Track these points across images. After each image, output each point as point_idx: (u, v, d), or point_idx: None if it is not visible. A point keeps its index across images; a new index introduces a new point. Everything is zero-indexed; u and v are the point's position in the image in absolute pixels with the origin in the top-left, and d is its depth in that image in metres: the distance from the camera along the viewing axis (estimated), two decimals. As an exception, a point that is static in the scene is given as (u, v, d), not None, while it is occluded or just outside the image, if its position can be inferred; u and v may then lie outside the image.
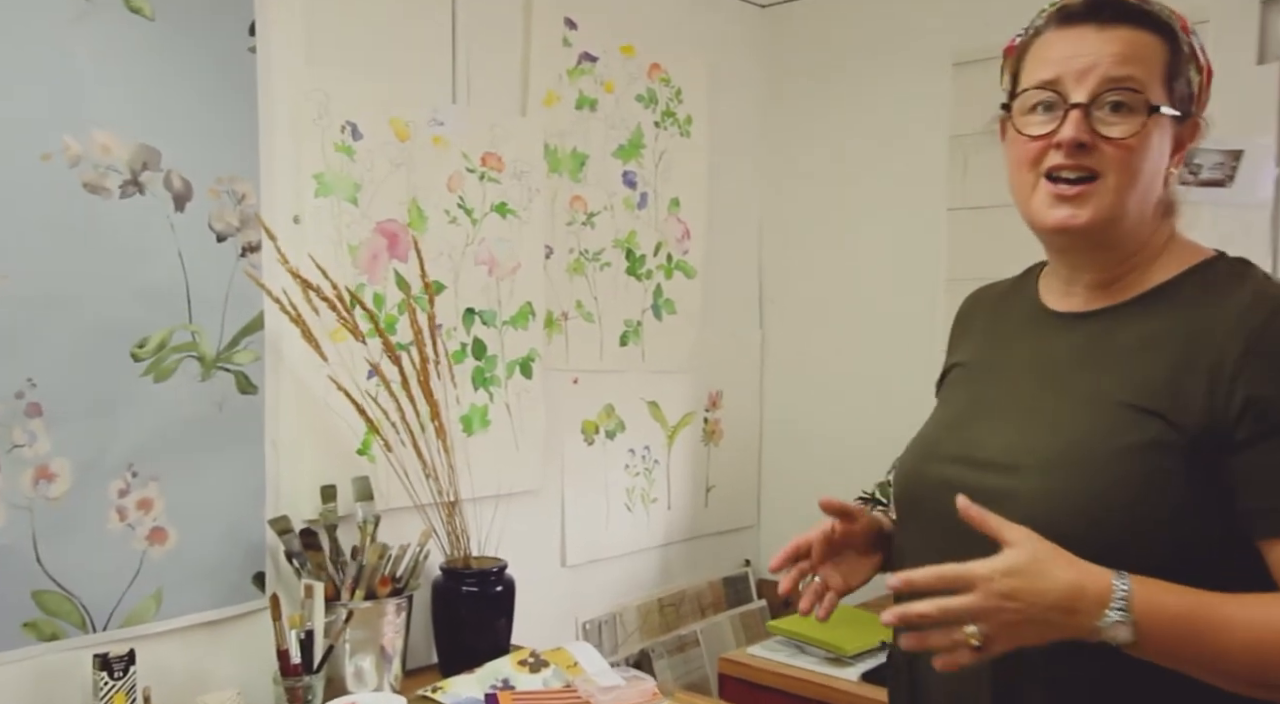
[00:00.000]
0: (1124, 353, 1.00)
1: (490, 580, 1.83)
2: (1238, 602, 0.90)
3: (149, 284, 1.54)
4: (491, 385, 2.01)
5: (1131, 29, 0.99)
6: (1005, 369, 1.12)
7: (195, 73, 1.59)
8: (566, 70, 2.17)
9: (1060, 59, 1.00)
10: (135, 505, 1.53)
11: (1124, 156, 0.97)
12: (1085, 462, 0.96)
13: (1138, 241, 1.03)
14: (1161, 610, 0.88)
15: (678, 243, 2.44)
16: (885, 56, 2.51)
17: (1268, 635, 0.88)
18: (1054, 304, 1.10)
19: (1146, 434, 0.94)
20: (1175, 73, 1.00)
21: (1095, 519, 0.93)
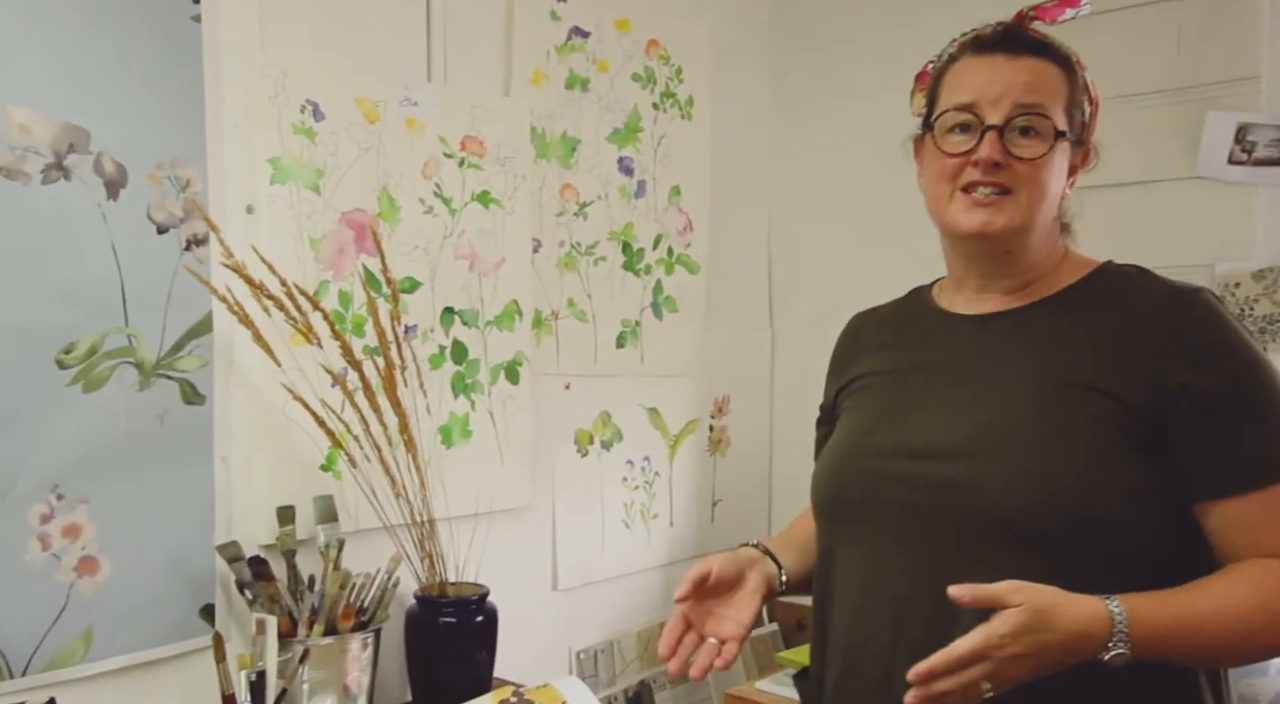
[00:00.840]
0: (1053, 339, 1.09)
1: (470, 609, 1.65)
2: (1211, 595, 0.99)
3: (77, 282, 1.36)
4: (473, 392, 1.83)
5: (1037, 60, 1.10)
6: (923, 370, 1.18)
7: (131, 43, 1.41)
8: (555, 46, 1.99)
9: (976, 84, 1.10)
10: (60, 532, 1.35)
11: (1032, 174, 1.08)
12: (1037, 438, 1.03)
13: (1041, 252, 1.14)
14: (1154, 627, 0.96)
15: (679, 235, 2.25)
16: (904, 28, 2.31)
17: (1244, 621, 0.98)
18: (965, 309, 1.18)
19: (1091, 407, 1.03)
20: (1073, 102, 1.11)
21: (1054, 495, 1.00)
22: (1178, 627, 0.97)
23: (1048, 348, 1.09)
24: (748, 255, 2.49)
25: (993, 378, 1.10)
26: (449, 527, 1.77)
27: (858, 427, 1.21)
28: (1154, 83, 1.95)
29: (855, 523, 1.15)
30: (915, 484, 1.08)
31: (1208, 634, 0.98)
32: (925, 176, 1.17)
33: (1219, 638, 0.99)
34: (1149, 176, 1.94)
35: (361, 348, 1.62)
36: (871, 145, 2.33)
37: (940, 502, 1.06)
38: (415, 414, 1.63)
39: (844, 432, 1.23)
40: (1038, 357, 1.09)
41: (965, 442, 1.07)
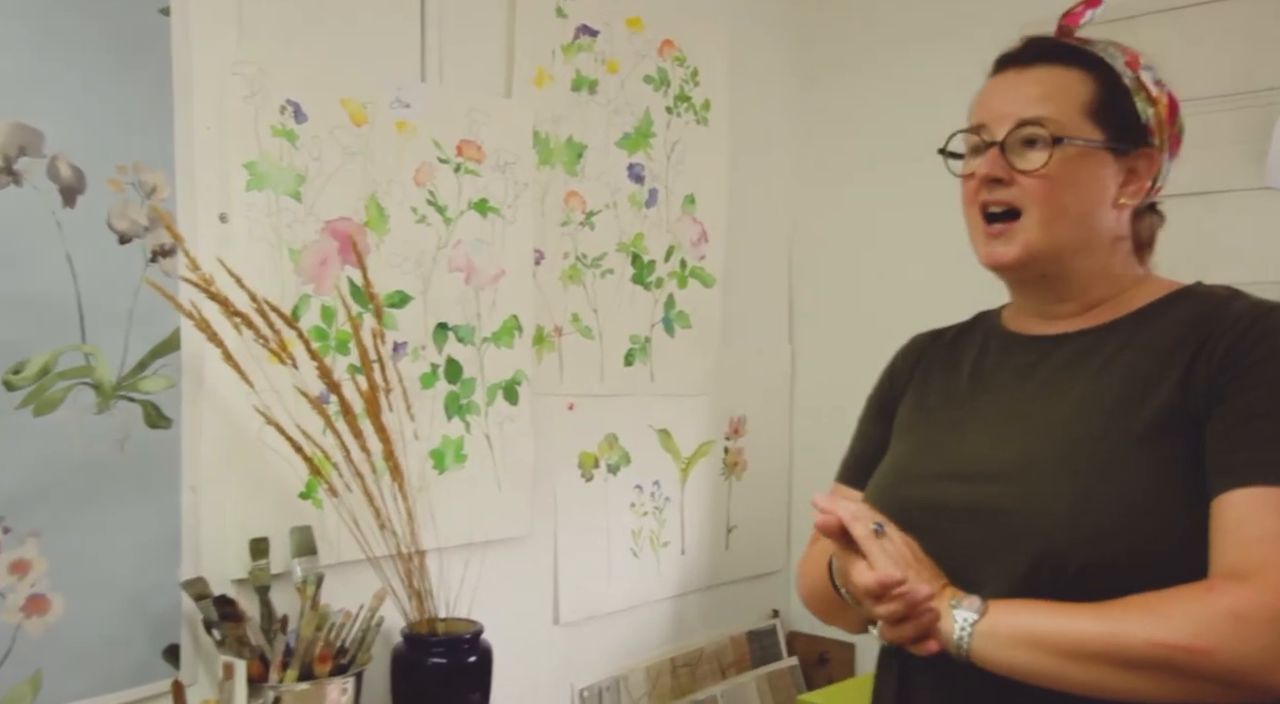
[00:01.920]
0: (1118, 361, 1.01)
1: (462, 648, 1.52)
2: (1095, 617, 0.91)
3: (27, 295, 1.25)
4: (468, 413, 1.71)
5: (1052, 67, 1.05)
6: (983, 391, 1.11)
7: (91, 38, 1.30)
8: (561, 46, 1.87)
9: (986, 104, 1.08)
10: (7, 568, 1.24)
11: (1040, 188, 1.02)
12: (1086, 462, 0.96)
13: (1098, 273, 1.06)
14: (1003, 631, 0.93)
15: (693, 246, 2.12)
16: (940, 29, 2.18)
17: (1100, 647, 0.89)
18: (1033, 330, 1.11)
19: (1159, 428, 0.95)
20: (1105, 105, 1.03)
21: (1115, 519, 0.93)
22: (1027, 636, 0.91)
23: (1112, 370, 1.01)
24: (767, 268, 2.35)
25: (1049, 400, 1.04)
26: (440, 558, 1.65)
27: (906, 452, 1.16)
28: (1217, 86, 1.80)
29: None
30: (955, 508, 1.02)
31: (1057, 654, 0.90)
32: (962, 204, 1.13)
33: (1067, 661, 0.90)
34: (1210, 187, 1.80)
35: (346, 367, 1.51)
36: (903, 154, 2.21)
37: (979, 524, 1.00)
38: (402, 439, 1.51)
39: (893, 456, 1.17)
40: (1100, 379, 1.01)
41: (1010, 464, 1.01)
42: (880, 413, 1.25)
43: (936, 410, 1.16)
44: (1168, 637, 0.86)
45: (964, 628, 0.93)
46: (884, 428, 1.22)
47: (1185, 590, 0.89)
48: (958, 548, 0.99)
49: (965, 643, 0.93)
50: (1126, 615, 0.89)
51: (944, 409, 1.15)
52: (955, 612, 0.94)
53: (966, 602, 0.94)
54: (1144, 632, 0.87)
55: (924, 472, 1.10)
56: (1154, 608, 0.89)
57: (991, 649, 0.92)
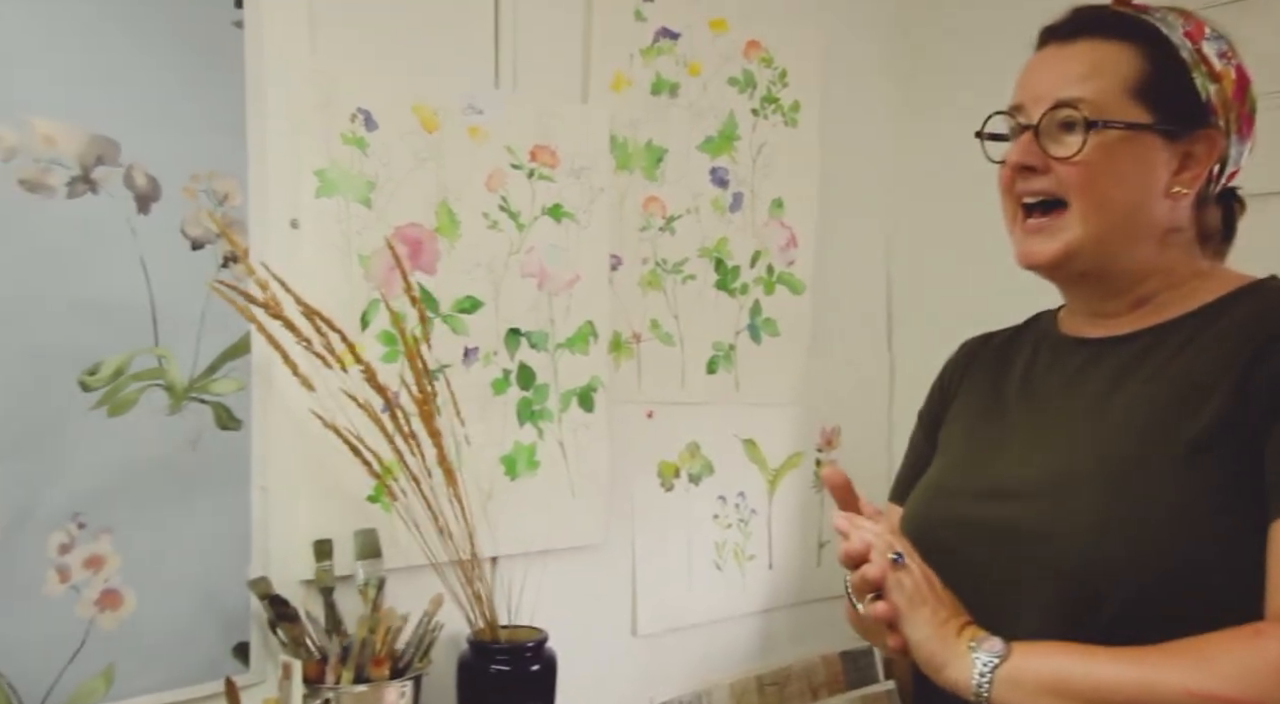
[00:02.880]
0: (1176, 368, 0.93)
1: (525, 657, 1.50)
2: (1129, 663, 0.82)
3: (103, 300, 1.30)
4: (541, 420, 1.69)
5: (1095, 41, 0.95)
6: (1029, 401, 1.04)
7: (166, 51, 1.34)
8: (640, 49, 1.85)
9: (1024, 84, 1.00)
10: (82, 563, 1.28)
11: (1080, 176, 0.93)
12: (1141, 479, 0.88)
13: (1147, 266, 0.97)
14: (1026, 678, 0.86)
15: (781, 252, 2.06)
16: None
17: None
18: (1085, 332, 1.03)
19: (1208, 445, 0.86)
20: (1155, 81, 0.94)
21: (1155, 542, 0.85)
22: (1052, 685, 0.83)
23: (1164, 377, 0.93)
24: (862, 274, 2.27)
25: (1094, 413, 0.96)
26: (510, 565, 1.65)
27: (944, 467, 1.11)
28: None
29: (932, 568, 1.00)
30: (988, 528, 0.97)
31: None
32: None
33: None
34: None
35: (408, 372, 1.51)
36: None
37: (1010, 546, 0.94)
38: (454, 442, 1.51)
39: (932, 472, 1.12)
40: (1150, 388, 0.93)
41: (1045, 482, 0.94)
42: (928, 427, 1.19)
43: (980, 421, 1.10)
44: (1209, 687, 0.77)
45: (983, 674, 0.85)
46: (932, 443, 1.15)
47: (1231, 635, 0.80)
48: (990, 571, 0.93)
49: (985, 690, 0.84)
50: (1163, 662, 0.80)
51: (987, 420, 1.08)
52: (974, 656, 0.86)
53: (986, 644, 0.86)
54: (1182, 680, 0.78)
55: (959, 488, 1.04)
56: (1195, 654, 0.79)
57: (1015, 696, 0.84)
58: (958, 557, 0.95)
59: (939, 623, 0.89)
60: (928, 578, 0.92)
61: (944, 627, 0.89)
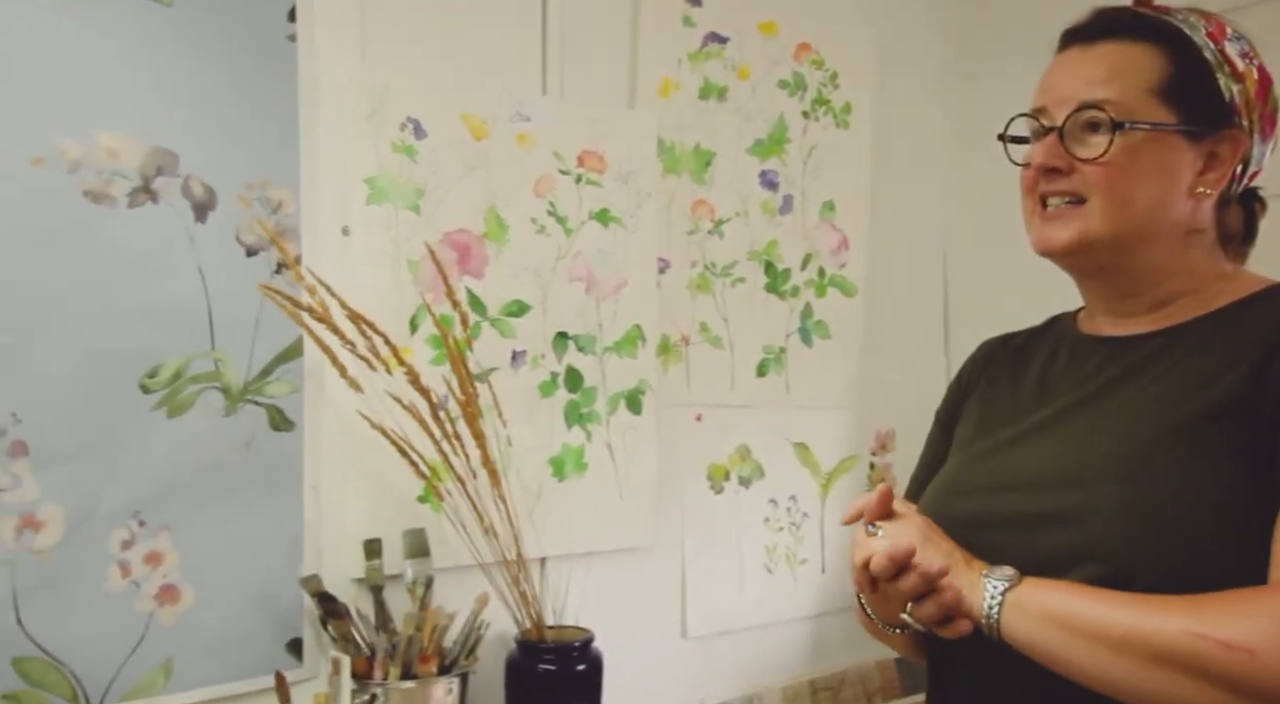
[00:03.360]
0: (1196, 360, 0.92)
1: (571, 657, 1.52)
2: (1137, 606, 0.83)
3: (162, 305, 1.35)
4: (589, 422, 1.71)
5: (1118, 42, 0.96)
6: (1046, 397, 1.03)
7: (222, 65, 1.39)
8: (688, 54, 1.86)
9: (1047, 86, 1.00)
10: (141, 559, 1.33)
11: (1104, 176, 0.93)
12: (1162, 461, 0.87)
13: (1168, 267, 0.97)
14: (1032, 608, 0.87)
15: (832, 254, 2.05)
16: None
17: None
18: (1104, 331, 1.03)
19: (1226, 428, 0.86)
20: (1179, 83, 0.94)
21: (1178, 522, 0.84)
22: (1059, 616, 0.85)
23: (1180, 371, 0.93)
24: (918, 276, 2.25)
25: (1111, 405, 0.96)
26: (559, 565, 1.66)
27: (960, 463, 1.09)
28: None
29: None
30: (1004, 519, 0.96)
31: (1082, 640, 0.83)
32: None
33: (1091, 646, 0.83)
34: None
35: (471, 375, 1.54)
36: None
37: (1028, 535, 0.93)
38: (509, 445, 1.53)
39: (947, 468, 1.11)
40: (1167, 380, 0.93)
41: (1063, 471, 0.94)
42: (945, 425, 1.18)
43: (997, 419, 1.08)
44: (1207, 629, 0.77)
45: (994, 597, 0.87)
46: (947, 441, 1.14)
47: (1235, 591, 0.80)
48: (1008, 559, 0.92)
49: (995, 613, 0.86)
50: (1167, 605, 0.81)
51: (1004, 417, 1.07)
52: (986, 581, 0.88)
53: (999, 572, 0.88)
54: (1183, 622, 0.79)
55: (975, 484, 1.03)
56: (1199, 602, 0.80)
57: (1019, 623, 0.86)
58: (974, 550, 0.95)
59: (956, 555, 0.92)
60: (932, 526, 0.95)
61: (960, 559, 0.92)
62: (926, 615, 0.91)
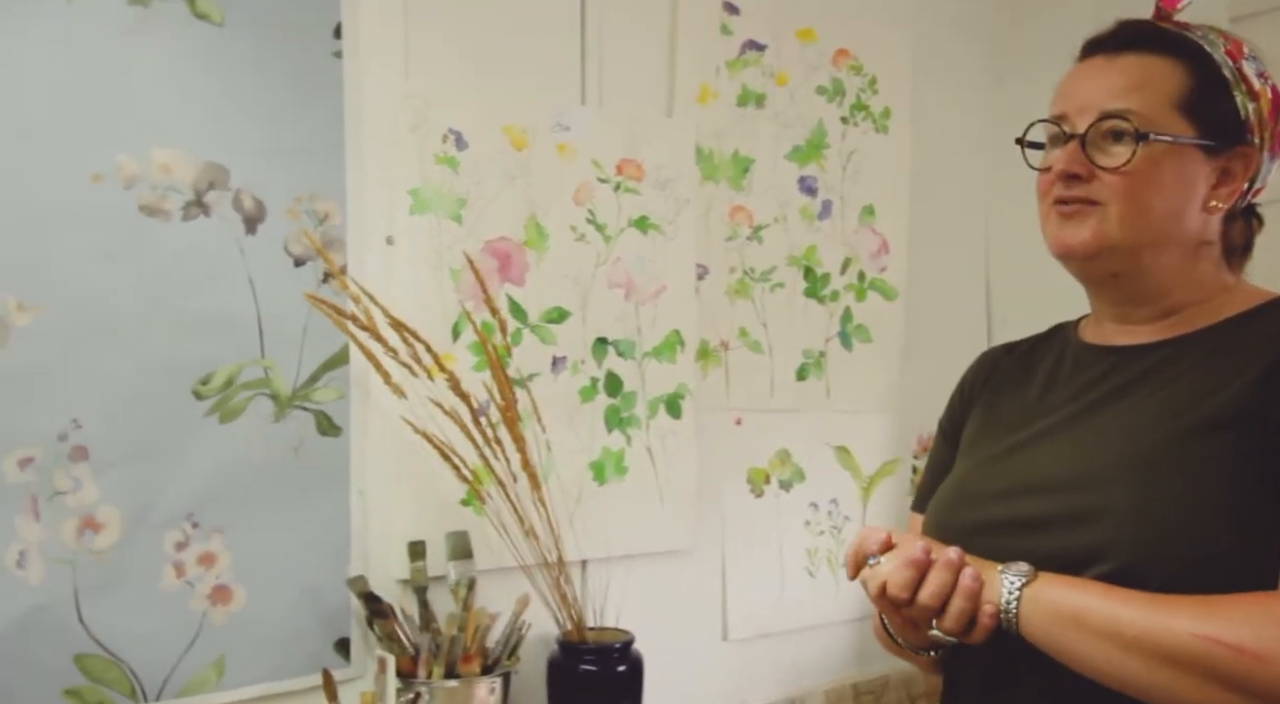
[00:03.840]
0: (1204, 367, 0.94)
1: (612, 658, 1.54)
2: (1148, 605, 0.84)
3: (214, 314, 1.40)
4: (629, 427, 1.73)
5: (1142, 55, 0.97)
6: (1052, 405, 1.04)
7: (271, 82, 1.44)
8: (726, 62, 1.88)
9: (1068, 93, 1.01)
10: (195, 560, 1.38)
11: (1122, 185, 0.95)
12: (1172, 464, 0.89)
13: (1177, 278, 0.98)
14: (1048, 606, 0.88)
15: (872, 258, 2.06)
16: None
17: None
18: (1109, 341, 1.04)
19: (1234, 433, 0.87)
20: (1199, 98, 0.95)
21: (1189, 523, 0.86)
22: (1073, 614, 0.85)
23: (1197, 379, 0.94)
24: (959, 278, 2.25)
25: (1118, 410, 0.97)
26: (600, 568, 1.69)
27: (966, 471, 1.10)
28: None
29: None
30: (1014, 524, 0.97)
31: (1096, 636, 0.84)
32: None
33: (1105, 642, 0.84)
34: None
35: (511, 380, 1.57)
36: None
37: (1039, 539, 0.94)
38: (550, 449, 1.56)
39: (953, 476, 1.11)
40: (1174, 387, 0.94)
41: (1071, 475, 0.95)
42: (948, 435, 1.19)
43: (1002, 426, 1.09)
44: (1217, 633, 0.78)
45: (1012, 592, 0.88)
46: (952, 451, 1.15)
47: (1247, 595, 0.81)
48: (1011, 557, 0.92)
49: (1014, 608, 0.87)
50: (1178, 606, 0.82)
51: (1010, 425, 1.07)
52: (1003, 577, 0.89)
53: (1014, 567, 0.89)
54: (1190, 624, 0.80)
55: (982, 490, 1.03)
56: (1210, 604, 0.81)
57: (1035, 618, 0.87)
58: (984, 555, 0.95)
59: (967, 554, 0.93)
60: (931, 541, 0.95)
61: (966, 558, 0.92)
62: (954, 623, 0.91)
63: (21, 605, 1.26)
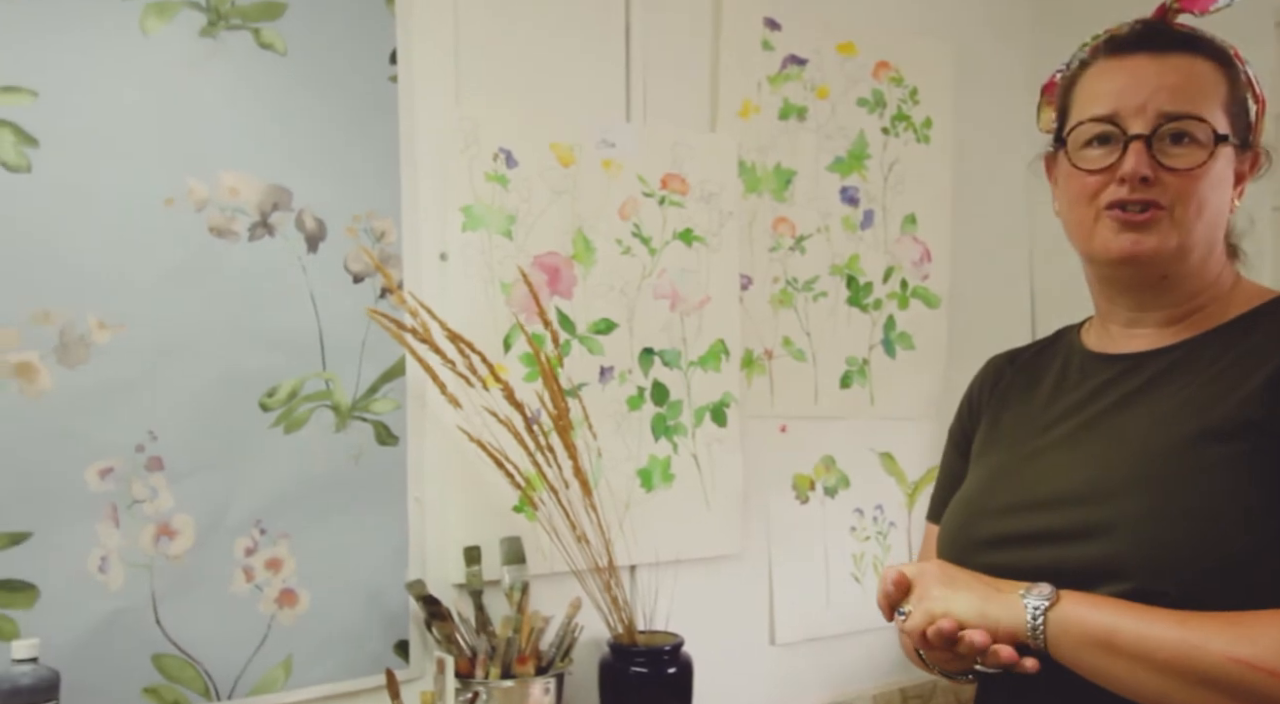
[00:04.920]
0: (1207, 375, 0.95)
1: (662, 659, 1.58)
2: (1179, 624, 0.84)
3: (279, 330, 1.46)
4: (676, 434, 1.78)
5: (1188, 56, 0.97)
6: (1059, 414, 1.04)
7: (331, 107, 1.51)
8: (768, 77, 1.92)
9: (1115, 91, 0.98)
10: (263, 565, 1.45)
11: (1188, 187, 0.94)
12: (1181, 474, 0.89)
13: (1204, 279, 0.99)
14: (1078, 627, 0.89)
15: (914, 267, 2.08)
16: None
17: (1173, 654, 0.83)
18: (1114, 348, 1.04)
19: (1242, 443, 0.88)
20: (1234, 101, 0.97)
21: (1202, 534, 0.86)
22: (1104, 637, 0.86)
23: (1201, 387, 0.94)
24: (1003, 284, 2.26)
25: (1128, 418, 0.97)
26: (649, 572, 1.73)
27: (977, 484, 1.10)
28: None
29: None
30: (1028, 537, 0.97)
31: (1130, 659, 0.85)
32: (1061, 199, 1.06)
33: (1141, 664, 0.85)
34: None
35: (564, 391, 1.62)
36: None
37: (1054, 551, 0.94)
38: (600, 457, 1.61)
39: (964, 490, 1.11)
40: (1183, 393, 0.94)
41: (1084, 485, 0.95)
42: (959, 444, 1.20)
43: (1011, 437, 1.09)
44: (1250, 655, 0.79)
45: (1037, 617, 0.88)
46: (962, 460, 1.16)
47: (1276, 613, 0.81)
48: (1038, 577, 0.93)
49: (1041, 633, 0.88)
50: (1208, 627, 0.82)
51: (1018, 435, 1.08)
52: (1025, 601, 0.89)
53: (1036, 590, 0.90)
54: (1225, 647, 0.80)
55: (994, 505, 1.03)
56: (1240, 624, 0.81)
57: (1064, 641, 0.87)
58: (1000, 570, 0.96)
59: (984, 588, 0.93)
60: (945, 567, 0.97)
61: (989, 588, 0.93)
62: (996, 662, 0.91)
63: (104, 609, 1.33)
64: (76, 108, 1.33)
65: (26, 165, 1.30)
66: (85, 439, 1.33)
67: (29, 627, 1.28)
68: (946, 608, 0.91)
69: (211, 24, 1.41)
